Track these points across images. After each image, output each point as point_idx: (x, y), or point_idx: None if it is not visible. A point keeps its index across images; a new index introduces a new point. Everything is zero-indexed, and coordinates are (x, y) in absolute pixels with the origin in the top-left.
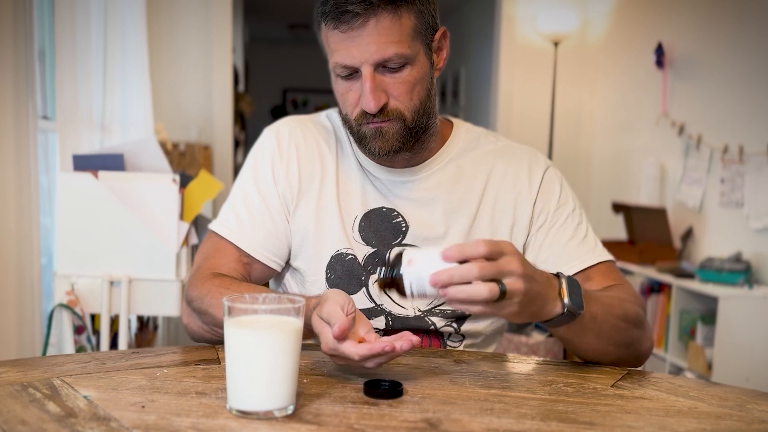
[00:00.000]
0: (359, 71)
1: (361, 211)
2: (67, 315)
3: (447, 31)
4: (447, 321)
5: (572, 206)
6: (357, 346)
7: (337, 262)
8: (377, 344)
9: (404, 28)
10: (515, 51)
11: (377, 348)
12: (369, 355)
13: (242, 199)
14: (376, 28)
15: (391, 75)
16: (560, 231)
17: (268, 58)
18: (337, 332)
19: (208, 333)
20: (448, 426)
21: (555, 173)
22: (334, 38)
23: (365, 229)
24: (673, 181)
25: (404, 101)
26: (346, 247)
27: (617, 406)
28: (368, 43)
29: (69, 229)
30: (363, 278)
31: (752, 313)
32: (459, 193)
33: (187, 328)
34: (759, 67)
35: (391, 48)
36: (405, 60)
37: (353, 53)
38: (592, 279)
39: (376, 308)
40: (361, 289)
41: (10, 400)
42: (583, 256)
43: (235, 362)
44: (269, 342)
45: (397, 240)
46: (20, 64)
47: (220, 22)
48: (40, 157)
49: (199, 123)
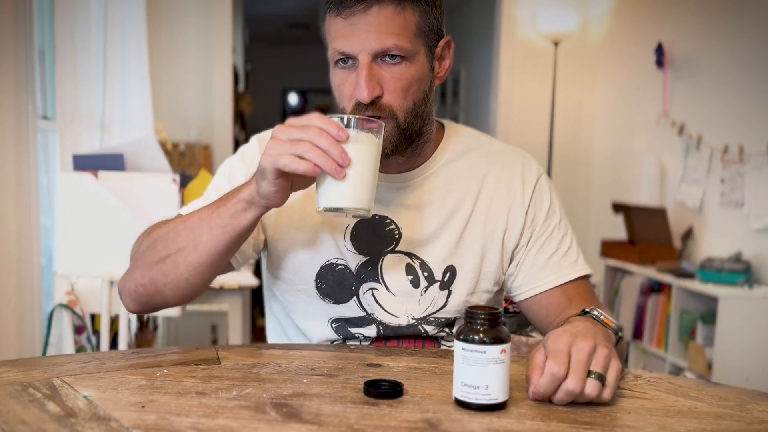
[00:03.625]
0: (356, 61)
1: (353, 220)
2: (67, 315)
3: (452, 42)
4: (439, 328)
5: (559, 217)
6: None
7: (328, 272)
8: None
9: (407, 24)
10: (515, 51)
11: None
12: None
13: (214, 190)
14: (378, 18)
15: (388, 68)
16: (546, 244)
17: (268, 58)
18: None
19: (149, 280)
20: (448, 426)
21: (546, 181)
22: (336, 25)
23: (358, 237)
24: (673, 181)
25: (398, 99)
26: (336, 257)
27: (617, 406)
28: (368, 32)
29: (69, 229)
30: (354, 288)
31: (752, 313)
32: (452, 198)
33: (124, 289)
34: (759, 67)
35: (391, 39)
36: (404, 54)
37: (353, 40)
38: (571, 300)
39: (368, 317)
40: (352, 298)
41: (10, 400)
42: (563, 270)
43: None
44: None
45: (390, 247)
46: (20, 64)
47: (220, 22)
48: (40, 157)
49: (199, 123)
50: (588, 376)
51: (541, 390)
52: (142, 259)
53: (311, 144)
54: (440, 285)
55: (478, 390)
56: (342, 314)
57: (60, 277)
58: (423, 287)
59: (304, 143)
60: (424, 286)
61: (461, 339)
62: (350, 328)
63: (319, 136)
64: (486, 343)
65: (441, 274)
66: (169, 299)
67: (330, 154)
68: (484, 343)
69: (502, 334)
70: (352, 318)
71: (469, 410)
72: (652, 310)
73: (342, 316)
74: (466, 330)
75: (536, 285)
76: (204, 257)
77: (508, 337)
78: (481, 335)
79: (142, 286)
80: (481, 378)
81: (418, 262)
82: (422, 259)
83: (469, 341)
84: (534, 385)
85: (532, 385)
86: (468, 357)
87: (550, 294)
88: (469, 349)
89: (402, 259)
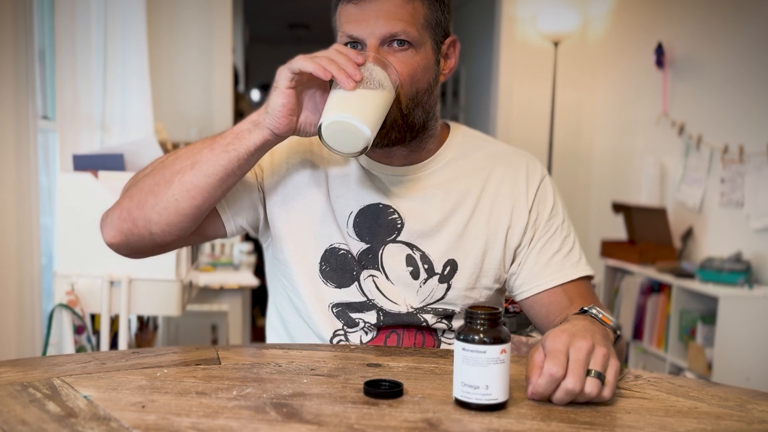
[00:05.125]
0: (364, 47)
1: (356, 207)
2: (67, 315)
3: (458, 42)
4: (439, 318)
5: (562, 218)
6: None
7: (331, 255)
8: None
9: (416, 13)
10: (515, 51)
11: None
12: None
13: None
14: (387, 5)
15: (394, 53)
16: (548, 243)
17: (268, 58)
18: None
19: (138, 211)
20: (448, 426)
21: (550, 183)
22: (346, 12)
23: (360, 225)
24: (673, 181)
25: (403, 83)
26: (339, 241)
27: (617, 406)
28: (377, 17)
29: (69, 229)
30: (355, 273)
31: (752, 313)
32: (456, 193)
33: (107, 218)
34: (759, 67)
35: (399, 24)
36: (411, 40)
37: (361, 25)
38: (572, 300)
39: (368, 302)
40: (353, 283)
41: (10, 400)
42: (565, 269)
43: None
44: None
45: (391, 236)
46: (20, 64)
47: (220, 22)
48: (40, 157)
49: (199, 123)
50: (587, 375)
51: (539, 390)
52: (135, 186)
53: (328, 58)
54: (440, 278)
55: (478, 390)
56: (343, 299)
57: (60, 277)
58: (422, 279)
59: (321, 58)
60: (423, 278)
61: (461, 339)
62: (351, 314)
63: (337, 54)
64: (486, 343)
65: (441, 267)
66: (152, 226)
67: (344, 67)
68: (484, 343)
69: (502, 334)
70: (353, 303)
71: (469, 410)
72: (652, 310)
73: (343, 300)
74: (466, 330)
75: (538, 284)
76: (200, 178)
77: (508, 337)
78: (481, 335)
79: (127, 210)
80: (481, 378)
81: (419, 254)
82: (423, 250)
83: (469, 341)
84: (533, 385)
85: (531, 385)
86: (468, 357)
87: (551, 293)
88: (469, 349)
89: (403, 249)
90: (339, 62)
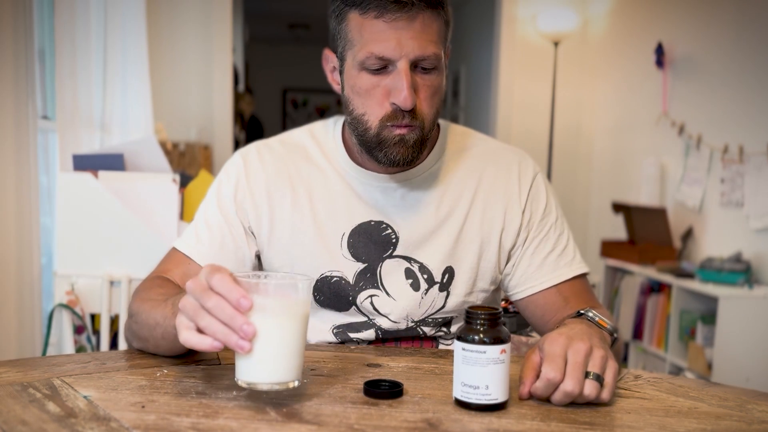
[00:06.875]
0: (389, 67)
1: (348, 227)
2: (67, 315)
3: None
4: (437, 328)
5: (555, 216)
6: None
7: (324, 284)
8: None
9: (440, 31)
10: (515, 51)
11: None
12: None
13: (203, 217)
14: (423, 24)
15: (421, 76)
16: (542, 243)
17: (268, 58)
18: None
19: (144, 344)
20: (448, 426)
21: (543, 180)
22: (373, 27)
23: (355, 245)
24: (673, 181)
25: (427, 107)
26: (330, 269)
27: (617, 406)
28: (412, 38)
29: (69, 229)
30: (351, 297)
31: (752, 313)
32: (449, 198)
33: (127, 339)
34: (759, 67)
35: (431, 47)
36: (437, 62)
37: (393, 45)
38: (567, 300)
39: (368, 322)
40: (351, 307)
41: (10, 400)
42: (559, 269)
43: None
44: (278, 323)
45: (388, 252)
46: (20, 64)
47: (220, 22)
48: (40, 157)
49: (199, 123)
50: (586, 377)
51: (537, 393)
52: (127, 322)
53: (210, 319)
54: (440, 286)
55: (478, 390)
56: (344, 321)
57: (60, 277)
58: (423, 290)
59: (204, 314)
60: (424, 289)
61: (461, 339)
62: (350, 333)
63: (218, 306)
64: (486, 344)
65: (440, 276)
66: (159, 353)
67: (231, 326)
68: (484, 343)
69: (502, 334)
70: (353, 323)
71: (469, 410)
72: (652, 310)
73: (344, 322)
74: (466, 330)
75: (532, 285)
76: (167, 352)
77: (508, 337)
78: (481, 335)
79: (134, 340)
80: (481, 378)
81: (417, 266)
82: (421, 261)
83: (469, 341)
84: (529, 387)
85: (525, 386)
86: (468, 357)
87: (546, 294)
88: (469, 350)
89: (401, 264)
90: (223, 319)
